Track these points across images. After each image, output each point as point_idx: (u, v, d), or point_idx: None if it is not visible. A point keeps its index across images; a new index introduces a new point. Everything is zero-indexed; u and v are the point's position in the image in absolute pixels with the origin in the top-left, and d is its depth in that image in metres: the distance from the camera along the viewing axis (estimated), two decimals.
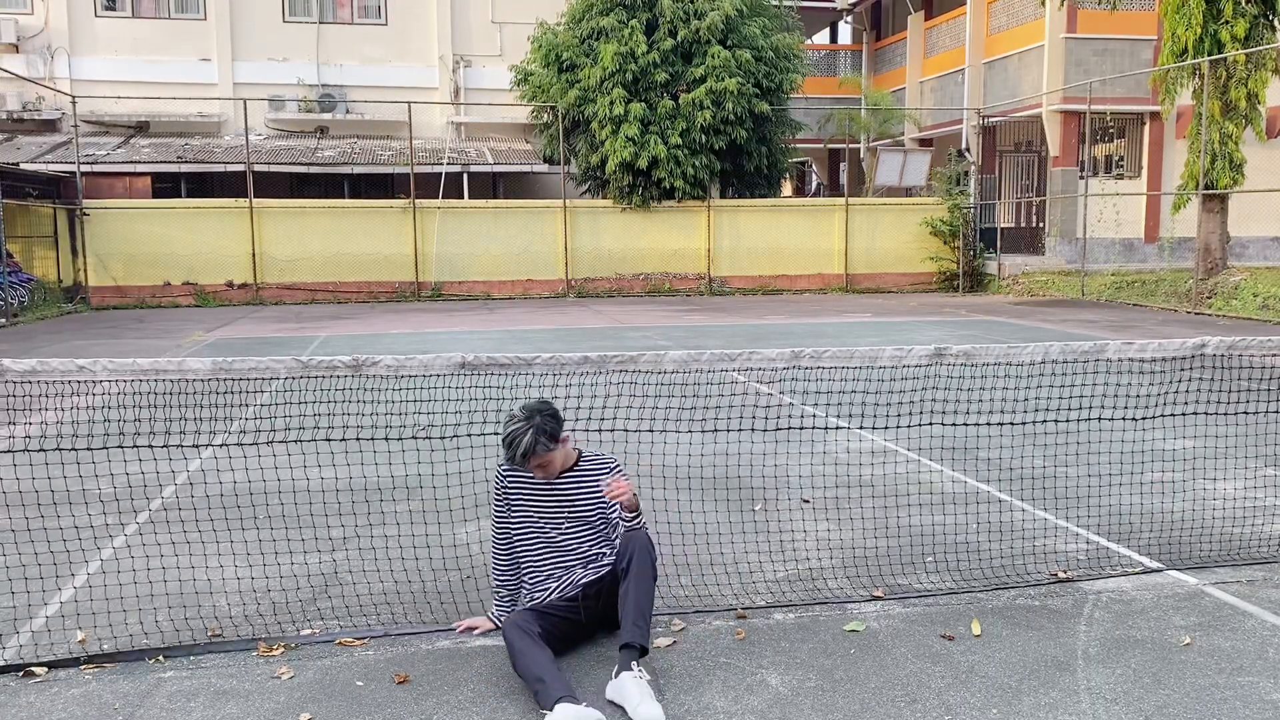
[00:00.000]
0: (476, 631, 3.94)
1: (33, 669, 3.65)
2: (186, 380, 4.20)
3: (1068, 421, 6.23)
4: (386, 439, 4.99)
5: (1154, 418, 5.29)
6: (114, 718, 3.32)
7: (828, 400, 7.49)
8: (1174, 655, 3.71)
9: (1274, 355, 4.65)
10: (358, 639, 3.91)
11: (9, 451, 6.40)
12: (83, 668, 3.68)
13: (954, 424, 5.40)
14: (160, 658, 3.75)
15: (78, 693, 3.50)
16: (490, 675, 3.59)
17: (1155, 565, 4.67)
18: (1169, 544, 4.94)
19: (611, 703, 3.34)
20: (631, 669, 3.38)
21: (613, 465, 3.95)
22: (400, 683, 3.54)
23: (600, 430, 4.98)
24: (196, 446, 4.99)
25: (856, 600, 4.27)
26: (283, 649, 3.83)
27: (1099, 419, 5.84)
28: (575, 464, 3.93)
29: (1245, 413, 6.28)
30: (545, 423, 3.74)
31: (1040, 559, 4.77)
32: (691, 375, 4.83)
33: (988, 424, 5.62)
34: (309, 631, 4.00)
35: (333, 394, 7.26)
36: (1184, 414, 5.51)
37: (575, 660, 3.70)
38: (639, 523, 3.78)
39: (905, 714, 3.29)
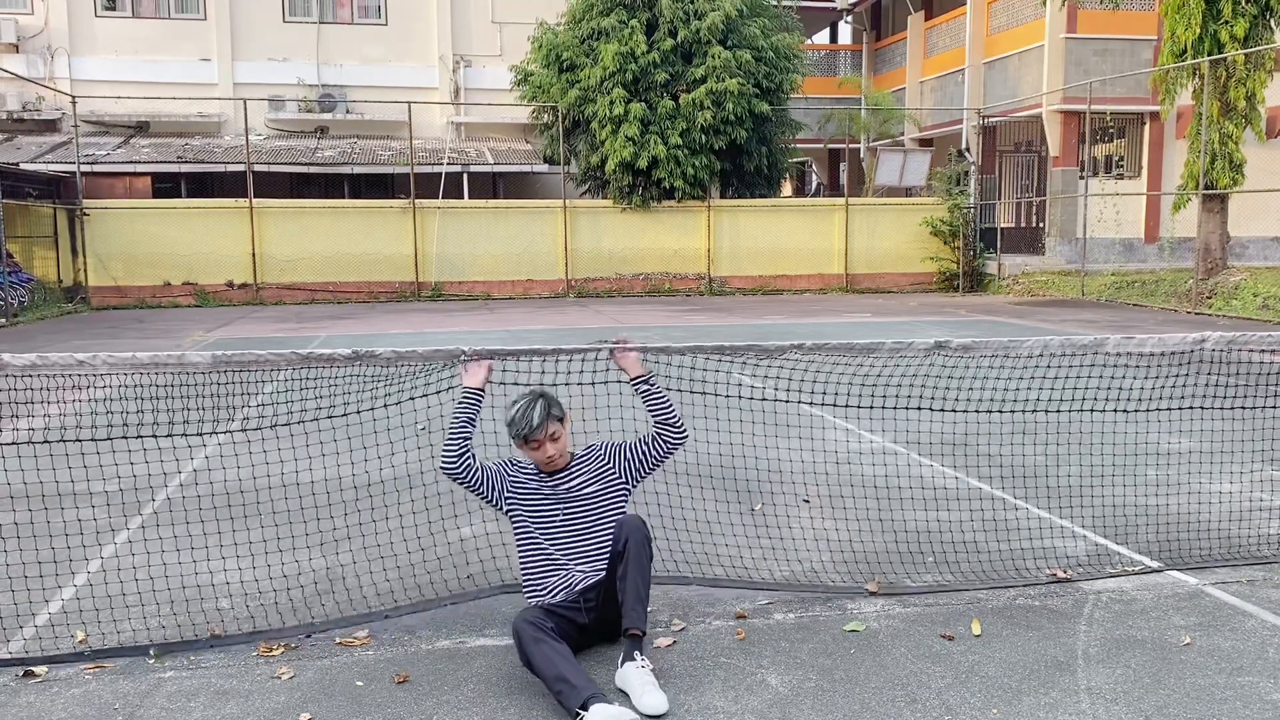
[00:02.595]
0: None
1: (33, 668, 3.65)
2: (187, 374, 4.22)
3: (1069, 413, 6.23)
4: (388, 430, 4.99)
5: (1154, 410, 5.28)
6: (114, 718, 3.32)
7: (824, 397, 7.48)
8: (1174, 655, 3.71)
9: (1274, 351, 4.65)
10: (358, 638, 3.91)
11: (12, 444, 6.39)
12: (83, 668, 3.68)
13: (954, 421, 5.40)
14: (160, 658, 3.75)
15: (78, 693, 3.50)
16: (490, 675, 3.58)
17: (1155, 565, 4.67)
18: (1169, 544, 4.94)
19: (620, 691, 3.40)
20: (635, 659, 3.42)
21: (600, 445, 4.07)
22: (400, 683, 3.54)
23: (598, 428, 4.97)
24: (201, 435, 4.98)
25: (856, 600, 4.27)
26: (283, 649, 3.83)
27: (1097, 410, 5.83)
28: (568, 464, 3.97)
29: (1245, 408, 6.26)
30: (550, 401, 3.89)
31: (1040, 558, 4.77)
32: (690, 370, 4.84)
33: (988, 421, 5.62)
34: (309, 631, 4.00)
35: (333, 386, 7.25)
36: (1184, 409, 5.50)
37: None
38: (654, 387, 4.02)
39: (905, 714, 3.29)
